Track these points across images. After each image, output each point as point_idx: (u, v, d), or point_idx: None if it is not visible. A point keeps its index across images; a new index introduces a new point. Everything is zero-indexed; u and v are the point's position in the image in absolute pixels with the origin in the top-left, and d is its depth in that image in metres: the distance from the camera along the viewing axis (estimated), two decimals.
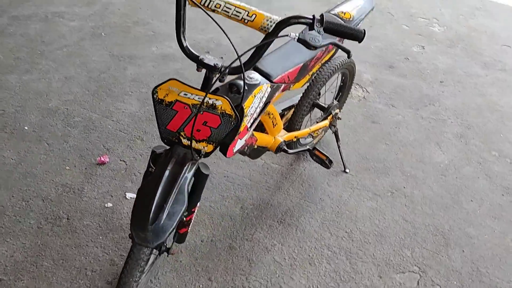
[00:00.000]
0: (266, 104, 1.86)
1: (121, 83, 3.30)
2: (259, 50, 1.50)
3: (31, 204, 2.33)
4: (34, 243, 2.15)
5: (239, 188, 2.55)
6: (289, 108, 2.40)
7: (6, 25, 3.87)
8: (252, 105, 1.71)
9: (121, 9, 4.33)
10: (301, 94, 2.32)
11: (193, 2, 1.54)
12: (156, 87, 1.55)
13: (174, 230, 1.53)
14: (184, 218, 1.81)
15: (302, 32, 1.45)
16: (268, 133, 2.21)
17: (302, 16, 1.44)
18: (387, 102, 3.39)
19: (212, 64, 1.52)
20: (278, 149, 2.27)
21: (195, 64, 1.56)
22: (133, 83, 3.32)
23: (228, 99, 1.51)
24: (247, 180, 2.60)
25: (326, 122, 2.58)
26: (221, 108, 1.52)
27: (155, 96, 1.55)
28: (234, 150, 1.78)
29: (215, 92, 1.63)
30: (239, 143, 1.78)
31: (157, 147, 1.68)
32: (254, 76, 1.79)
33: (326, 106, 2.56)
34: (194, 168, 1.61)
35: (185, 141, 1.60)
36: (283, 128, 2.36)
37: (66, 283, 2.02)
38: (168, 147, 1.66)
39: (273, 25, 1.50)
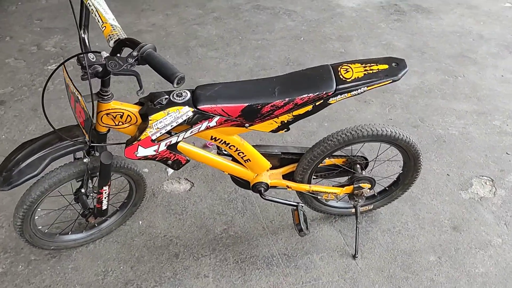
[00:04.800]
0: (187, 126, 1.73)
1: None
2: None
3: None
4: None
5: (242, 214, 2.41)
6: (295, 154, 2.09)
7: (243, 10, 4.51)
8: (161, 120, 1.65)
9: (343, 22, 4.34)
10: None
11: None
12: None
13: (21, 184, 1.67)
14: (96, 196, 1.96)
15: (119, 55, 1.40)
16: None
17: (134, 41, 1.44)
18: (508, 220, 2.44)
19: (83, 62, 1.49)
20: (254, 188, 2.07)
21: None
22: None
23: (82, 97, 1.55)
24: (259, 212, 2.42)
25: (337, 190, 2.14)
26: (81, 102, 1.57)
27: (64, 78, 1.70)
28: (137, 155, 1.72)
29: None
30: (142, 150, 1.71)
31: None
32: (183, 95, 1.69)
33: (354, 174, 2.11)
34: (70, 149, 1.72)
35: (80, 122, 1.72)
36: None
37: None
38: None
39: (112, 40, 1.51)
